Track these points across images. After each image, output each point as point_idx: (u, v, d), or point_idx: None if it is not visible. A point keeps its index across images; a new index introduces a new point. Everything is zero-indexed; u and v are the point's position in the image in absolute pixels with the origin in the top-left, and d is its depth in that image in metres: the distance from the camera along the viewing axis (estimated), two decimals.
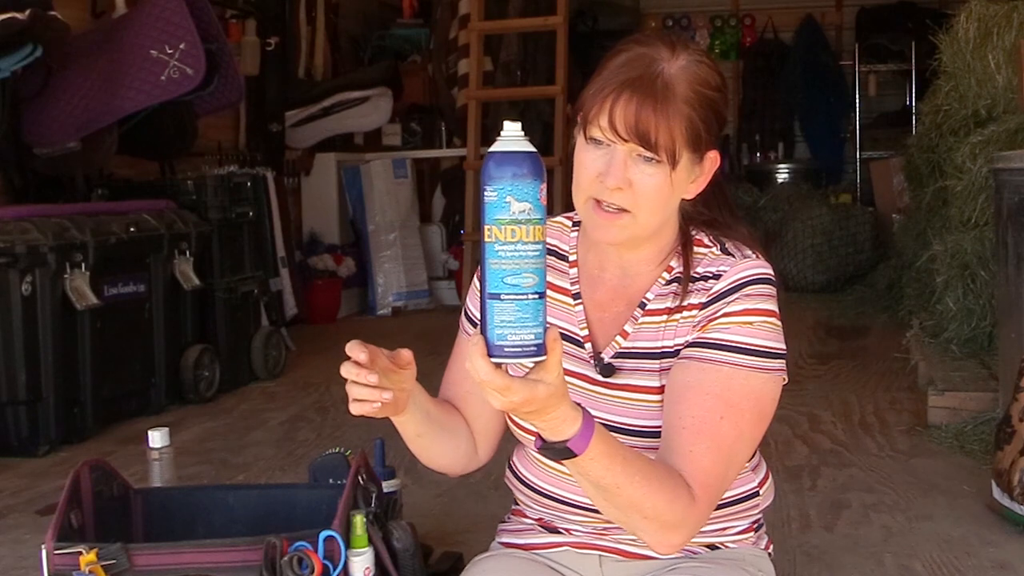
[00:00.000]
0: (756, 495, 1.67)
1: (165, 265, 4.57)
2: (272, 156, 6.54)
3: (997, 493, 2.94)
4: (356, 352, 1.42)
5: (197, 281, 4.71)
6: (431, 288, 7.64)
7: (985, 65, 4.92)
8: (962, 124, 4.98)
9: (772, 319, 1.54)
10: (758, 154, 10.26)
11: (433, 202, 8.30)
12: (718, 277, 1.55)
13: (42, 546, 1.72)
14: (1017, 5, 4.94)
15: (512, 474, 1.72)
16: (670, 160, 1.49)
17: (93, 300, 4.10)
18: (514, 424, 1.64)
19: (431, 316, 7.18)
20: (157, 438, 2.23)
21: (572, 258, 1.66)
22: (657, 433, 1.52)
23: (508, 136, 1.26)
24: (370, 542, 1.77)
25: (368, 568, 1.75)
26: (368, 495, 1.85)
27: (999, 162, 3.61)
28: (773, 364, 1.52)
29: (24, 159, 4.58)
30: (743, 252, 1.58)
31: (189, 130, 5.08)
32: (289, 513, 1.99)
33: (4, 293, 3.88)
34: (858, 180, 9.78)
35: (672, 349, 1.55)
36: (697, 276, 1.57)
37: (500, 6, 7.35)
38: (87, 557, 1.68)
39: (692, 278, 1.57)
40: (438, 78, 7.96)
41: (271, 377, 5.20)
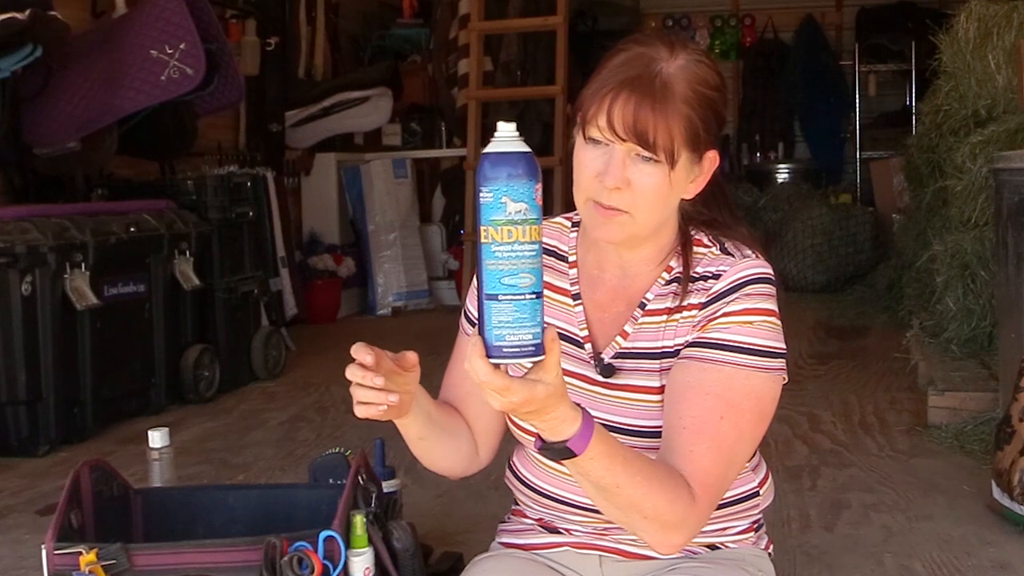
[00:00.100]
0: (756, 495, 1.67)
1: (165, 265, 4.57)
2: (272, 156, 6.55)
3: (997, 493, 2.94)
4: (362, 354, 1.40)
5: (197, 281, 4.71)
6: (431, 288, 7.64)
7: (985, 65, 4.92)
8: (962, 124, 4.98)
9: (772, 318, 1.53)
10: (758, 154, 10.26)
11: (433, 202, 8.30)
12: (718, 277, 1.55)
13: (42, 546, 1.72)
14: (1017, 5, 4.94)
15: (512, 474, 1.72)
16: (668, 160, 1.49)
17: (93, 300, 4.10)
18: (514, 425, 1.64)
19: (431, 316, 7.18)
20: (157, 438, 2.23)
21: (572, 259, 1.66)
22: (657, 433, 1.52)
23: (502, 136, 1.26)
24: (370, 542, 1.77)
25: (368, 568, 1.76)
26: (368, 495, 1.85)
27: (999, 162, 3.61)
28: (773, 364, 1.52)
29: (24, 159, 4.58)
30: (743, 252, 1.58)
31: (189, 130, 5.08)
32: (289, 513, 1.99)
33: (4, 293, 3.88)
34: (858, 180, 9.78)
35: (672, 349, 1.55)
36: (697, 276, 1.57)
37: (500, 6, 7.35)
38: (87, 557, 1.68)
39: (692, 278, 1.57)
40: (438, 78, 7.96)
41: (271, 377, 5.20)
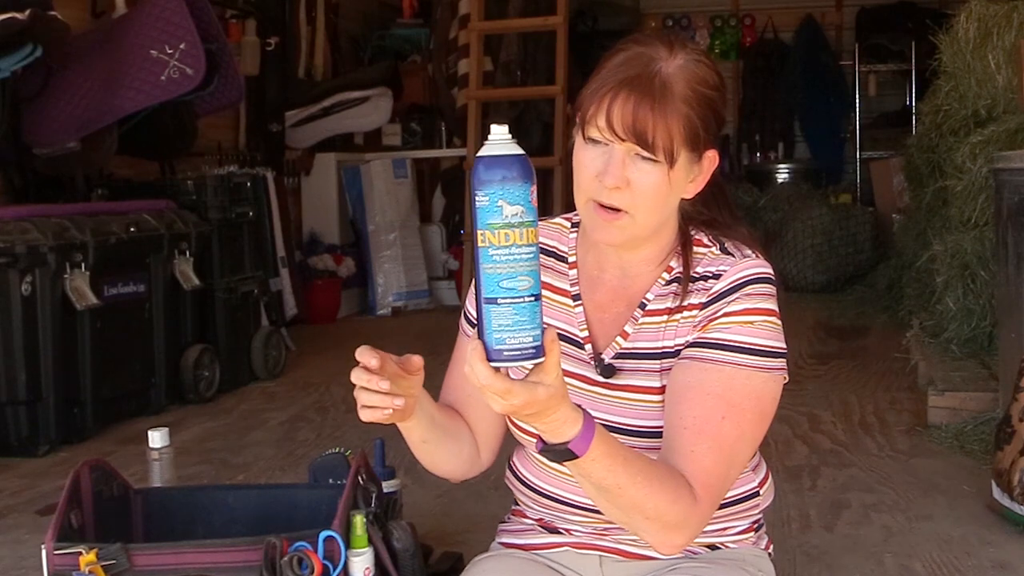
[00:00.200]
0: (756, 495, 1.67)
1: (165, 265, 4.57)
2: (272, 156, 6.55)
3: (997, 493, 2.94)
4: (367, 358, 1.39)
5: (197, 281, 4.71)
6: (431, 288, 7.65)
7: (985, 65, 4.92)
8: (962, 124, 4.98)
9: (772, 318, 1.53)
10: (758, 154, 10.26)
11: (433, 202, 8.30)
12: (718, 277, 1.55)
13: (42, 546, 1.73)
14: (1017, 5, 4.94)
15: (512, 474, 1.72)
16: (668, 159, 1.48)
17: (93, 300, 4.10)
18: (514, 426, 1.63)
19: (431, 316, 7.18)
20: (157, 438, 2.23)
21: (571, 259, 1.66)
22: (658, 433, 1.52)
23: (496, 139, 1.26)
24: (370, 542, 1.77)
25: (368, 568, 1.76)
26: (368, 495, 1.85)
27: (999, 162, 3.61)
28: (774, 363, 1.52)
29: (24, 159, 4.58)
30: (743, 252, 1.58)
31: (189, 130, 5.08)
32: (289, 513, 1.99)
33: (4, 293, 3.88)
34: (858, 180, 9.78)
35: (672, 349, 1.55)
36: (697, 276, 1.57)
37: (500, 6, 7.35)
38: (87, 557, 1.69)
39: (692, 278, 1.57)
40: (438, 78, 7.96)
41: (271, 377, 5.20)
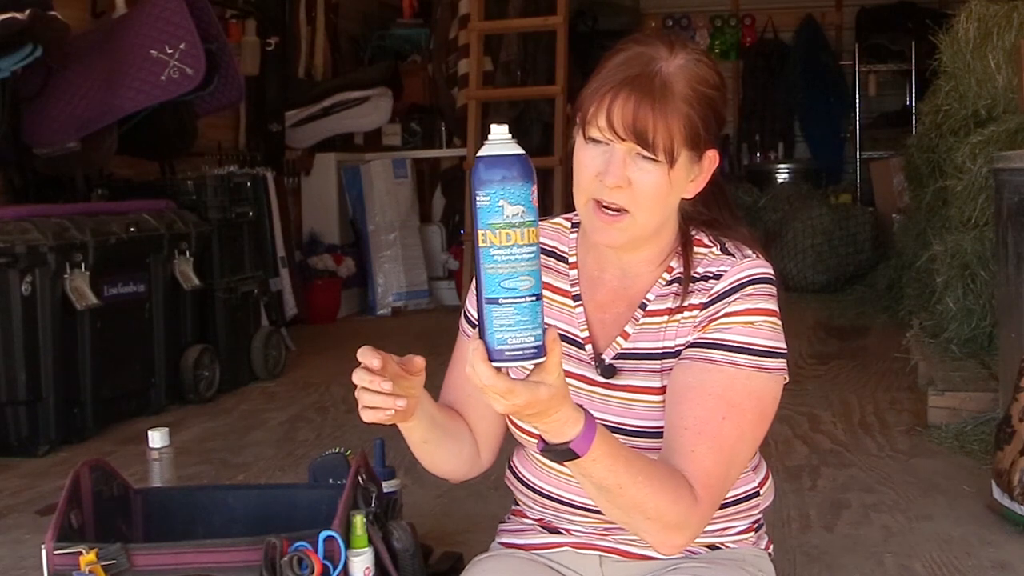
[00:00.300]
0: (756, 495, 1.67)
1: (165, 265, 4.57)
2: (272, 156, 6.55)
3: (997, 493, 2.94)
4: (369, 358, 1.39)
5: (197, 281, 4.71)
6: (431, 288, 7.64)
7: (985, 65, 4.92)
8: (962, 124, 4.98)
9: (773, 319, 1.53)
10: (758, 154, 10.26)
11: (433, 202, 8.30)
12: (719, 277, 1.55)
13: (42, 546, 1.73)
14: (1017, 5, 4.94)
15: (512, 474, 1.72)
16: (668, 159, 1.48)
17: (93, 300, 4.09)
18: (514, 426, 1.63)
19: (431, 316, 7.18)
20: (157, 438, 2.23)
21: (572, 260, 1.66)
22: (658, 434, 1.52)
23: (496, 139, 1.26)
24: (370, 542, 1.77)
25: (368, 568, 1.76)
26: (368, 495, 1.85)
27: (999, 162, 3.61)
28: (774, 364, 1.52)
29: (24, 159, 4.58)
30: (743, 252, 1.58)
31: (189, 130, 5.08)
32: (289, 513, 1.99)
33: (4, 293, 3.88)
34: (858, 180, 9.78)
35: (673, 350, 1.55)
36: (697, 276, 1.57)
37: (500, 6, 7.35)
38: (87, 557, 1.69)
39: (692, 278, 1.57)
40: (438, 78, 7.96)
41: (271, 377, 5.20)
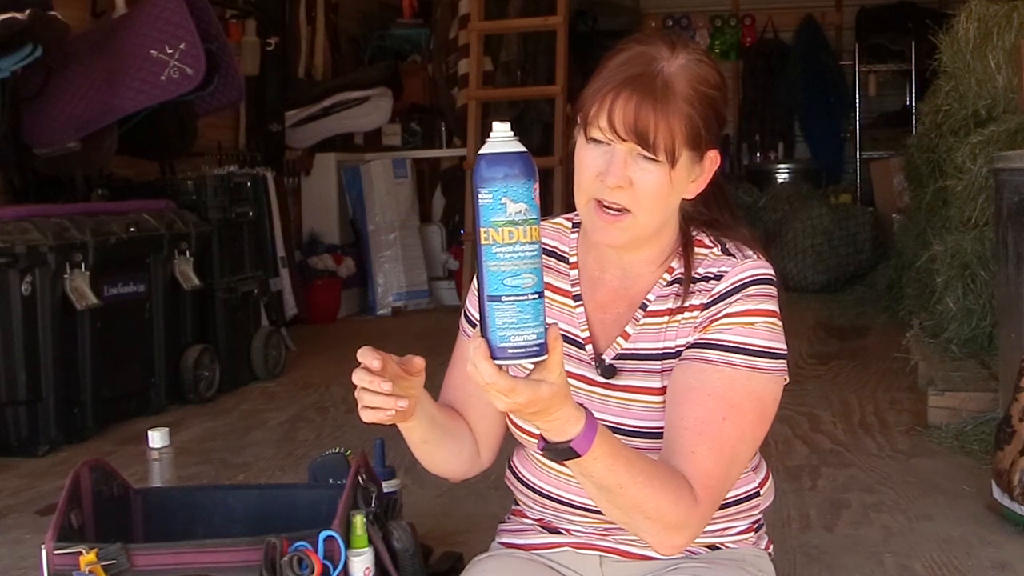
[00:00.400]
0: (756, 495, 1.67)
1: (165, 265, 4.57)
2: (272, 156, 6.55)
3: (997, 493, 2.94)
4: (369, 359, 1.39)
5: (197, 281, 4.71)
6: (431, 288, 7.64)
7: (985, 65, 4.92)
8: (962, 124, 4.98)
9: (774, 319, 1.53)
10: (758, 154, 10.26)
11: (433, 202, 8.30)
12: (719, 278, 1.55)
13: (42, 546, 1.72)
14: (1017, 5, 4.94)
15: (512, 474, 1.72)
16: (669, 159, 1.48)
17: (93, 300, 4.09)
18: (514, 426, 1.63)
19: (431, 316, 7.18)
20: (157, 438, 2.23)
21: (572, 259, 1.66)
22: (658, 434, 1.52)
23: (498, 137, 1.26)
24: (370, 542, 1.77)
25: (368, 568, 1.75)
26: (368, 495, 1.85)
27: (999, 162, 3.61)
28: (775, 364, 1.52)
29: (24, 159, 4.58)
30: (744, 252, 1.58)
31: (189, 130, 5.08)
32: (289, 513, 1.99)
33: (4, 293, 3.88)
34: (858, 180, 9.78)
35: (674, 350, 1.55)
36: (698, 277, 1.57)
37: (500, 6, 7.35)
38: (87, 557, 1.68)
39: (693, 279, 1.57)
40: (438, 78, 7.96)
41: (271, 377, 5.20)
